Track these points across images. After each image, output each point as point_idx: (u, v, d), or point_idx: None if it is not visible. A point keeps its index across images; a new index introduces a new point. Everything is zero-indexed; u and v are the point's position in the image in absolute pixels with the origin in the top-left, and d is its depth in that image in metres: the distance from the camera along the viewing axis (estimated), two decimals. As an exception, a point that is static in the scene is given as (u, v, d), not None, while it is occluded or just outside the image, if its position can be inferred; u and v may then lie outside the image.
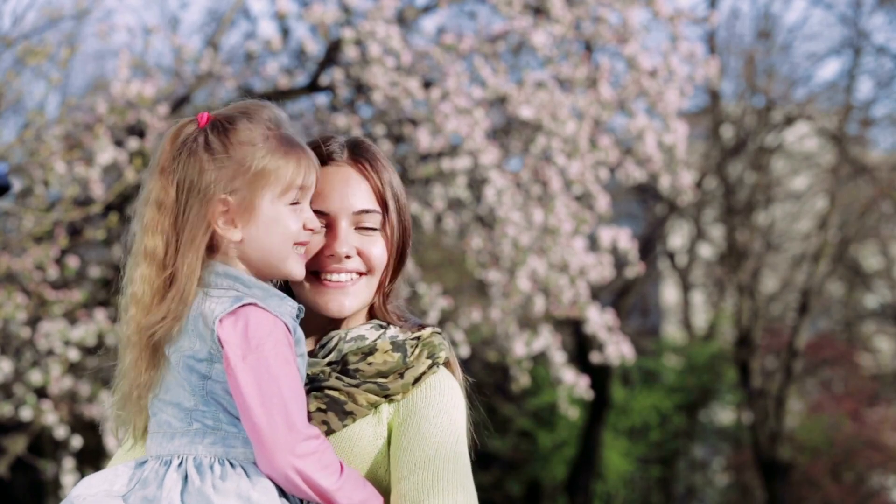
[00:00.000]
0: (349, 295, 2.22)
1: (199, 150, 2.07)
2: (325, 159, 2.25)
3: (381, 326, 2.27)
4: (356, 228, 2.23)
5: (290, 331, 2.06)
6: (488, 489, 18.78)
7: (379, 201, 2.25)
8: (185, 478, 2.01)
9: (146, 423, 2.11)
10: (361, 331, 2.24)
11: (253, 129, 2.10)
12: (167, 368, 2.06)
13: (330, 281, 2.21)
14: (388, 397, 2.18)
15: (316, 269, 2.22)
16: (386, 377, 2.17)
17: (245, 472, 2.01)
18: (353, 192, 2.24)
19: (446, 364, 2.28)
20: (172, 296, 2.03)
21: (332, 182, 2.24)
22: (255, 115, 2.12)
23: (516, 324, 7.87)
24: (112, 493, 2.03)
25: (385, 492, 2.15)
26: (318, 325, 2.26)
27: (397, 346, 2.21)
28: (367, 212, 2.23)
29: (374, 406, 2.17)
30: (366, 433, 2.17)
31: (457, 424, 2.20)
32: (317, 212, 2.20)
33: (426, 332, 2.26)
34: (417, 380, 2.20)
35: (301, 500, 2.05)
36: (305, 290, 2.22)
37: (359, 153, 2.28)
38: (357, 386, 2.16)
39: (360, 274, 2.23)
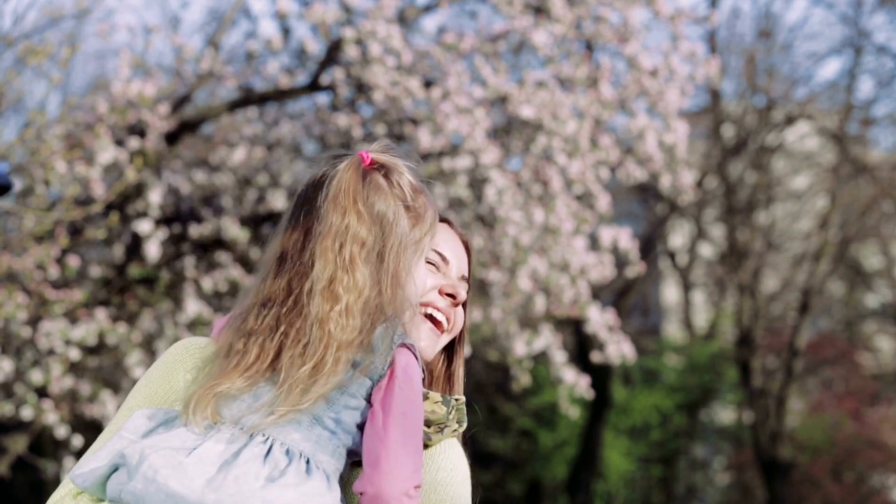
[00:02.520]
0: (436, 342, 2.20)
1: (388, 193, 2.07)
2: (442, 218, 2.27)
3: None
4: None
5: None
6: (489, 488, 18.77)
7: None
8: (266, 456, 1.92)
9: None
10: None
11: (413, 181, 2.11)
12: None
13: (434, 318, 2.19)
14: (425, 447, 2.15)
15: (422, 302, 2.19)
16: (429, 427, 2.13)
17: (327, 478, 1.95)
18: (463, 257, 2.26)
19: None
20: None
21: (449, 240, 2.25)
22: (408, 164, 2.13)
23: (517, 323, 7.87)
24: (184, 447, 1.95)
25: None
26: None
27: (445, 400, 2.17)
28: (466, 280, 2.25)
29: None
30: None
31: (463, 499, 2.16)
32: (441, 254, 2.21)
33: (461, 398, 2.22)
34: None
35: None
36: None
37: (458, 229, 2.30)
38: None
39: (444, 330, 2.21)
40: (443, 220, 2.25)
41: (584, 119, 7.51)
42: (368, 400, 1.99)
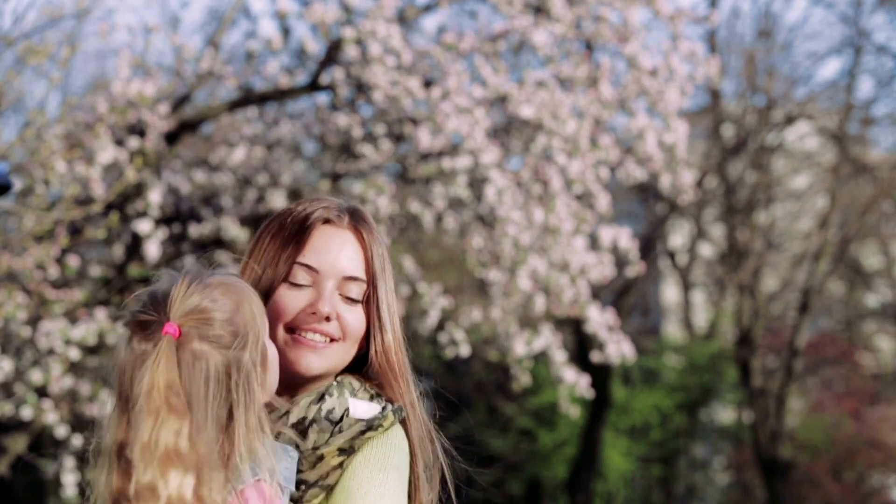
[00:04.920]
0: (320, 356, 2.19)
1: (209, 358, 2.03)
2: (325, 219, 2.24)
3: (321, 398, 2.20)
4: (339, 294, 2.22)
5: None
6: (489, 488, 18.76)
7: (367, 273, 2.24)
8: None
9: None
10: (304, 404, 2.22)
11: (224, 306, 2.11)
12: None
13: (304, 338, 2.19)
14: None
15: (292, 325, 2.19)
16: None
17: None
18: (348, 256, 2.22)
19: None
20: None
21: (328, 241, 2.22)
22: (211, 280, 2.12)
23: (517, 323, 7.87)
24: None
25: None
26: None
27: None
28: (354, 279, 2.22)
29: None
30: None
31: None
32: (307, 266, 2.20)
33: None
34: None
35: None
36: (278, 341, 2.18)
37: (358, 220, 2.26)
38: None
39: (333, 340, 2.20)
40: (326, 220, 2.23)
41: (584, 119, 7.51)
42: None
